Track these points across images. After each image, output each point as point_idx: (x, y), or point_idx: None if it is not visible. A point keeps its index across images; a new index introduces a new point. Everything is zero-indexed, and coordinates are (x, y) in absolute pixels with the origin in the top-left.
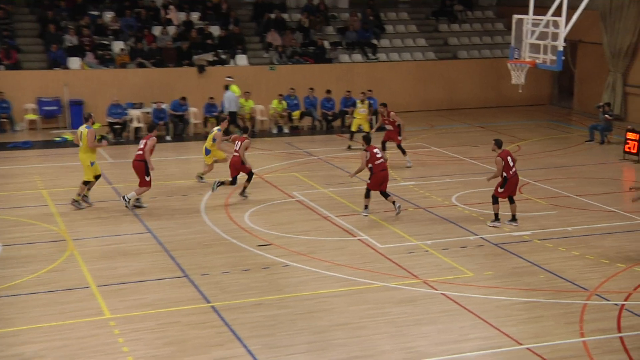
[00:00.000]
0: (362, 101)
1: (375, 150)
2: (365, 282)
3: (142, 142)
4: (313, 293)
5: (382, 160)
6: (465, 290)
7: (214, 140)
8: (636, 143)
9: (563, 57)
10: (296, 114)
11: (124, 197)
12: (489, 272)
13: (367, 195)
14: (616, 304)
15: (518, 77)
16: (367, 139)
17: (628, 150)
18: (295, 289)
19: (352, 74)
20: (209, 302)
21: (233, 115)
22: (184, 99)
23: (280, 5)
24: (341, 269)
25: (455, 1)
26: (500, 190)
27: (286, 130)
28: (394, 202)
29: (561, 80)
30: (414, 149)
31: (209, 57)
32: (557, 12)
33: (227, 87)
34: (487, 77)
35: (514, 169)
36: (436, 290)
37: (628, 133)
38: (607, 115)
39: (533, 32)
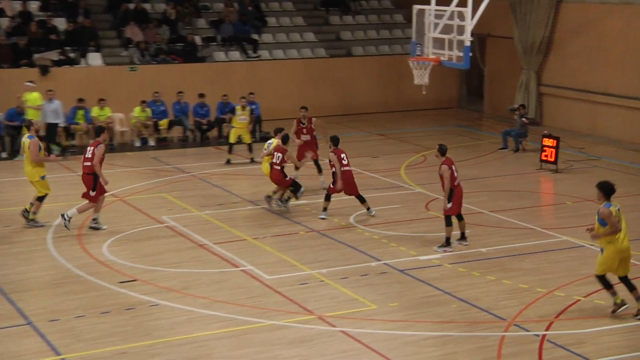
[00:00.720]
0: (243, 107)
1: (342, 155)
2: (250, 320)
3: (89, 149)
4: (189, 337)
5: (348, 166)
6: (367, 325)
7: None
8: (554, 150)
9: (470, 54)
10: (163, 122)
11: (63, 215)
12: (394, 304)
13: (327, 199)
14: (537, 335)
15: (421, 77)
16: (335, 140)
17: (545, 158)
18: (167, 332)
19: (230, 75)
20: (59, 354)
21: (53, 129)
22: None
23: None
24: (221, 306)
25: None
26: (448, 206)
27: (152, 142)
28: (368, 209)
29: (470, 80)
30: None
31: (54, 55)
32: (463, 3)
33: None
34: (387, 77)
35: (458, 179)
36: (334, 327)
37: (544, 139)
38: (523, 119)
39: (436, 25)
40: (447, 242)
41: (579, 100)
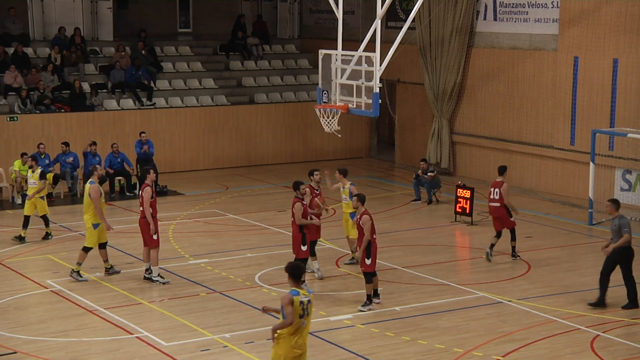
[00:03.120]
0: (31, 165)
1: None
2: None
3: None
4: None
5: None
6: None
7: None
8: (468, 201)
9: (380, 101)
10: (49, 177)
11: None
12: None
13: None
14: None
15: (329, 124)
16: (296, 185)
17: (460, 210)
18: None
19: (122, 125)
20: None
21: None
22: None
23: (21, 36)
24: None
25: (248, 34)
26: (367, 262)
27: (18, 199)
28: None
29: (380, 128)
30: (206, 217)
31: None
32: (371, 47)
33: None
34: (293, 126)
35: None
36: None
37: (459, 190)
38: (429, 174)
39: (344, 70)
40: (369, 300)
41: (493, 149)
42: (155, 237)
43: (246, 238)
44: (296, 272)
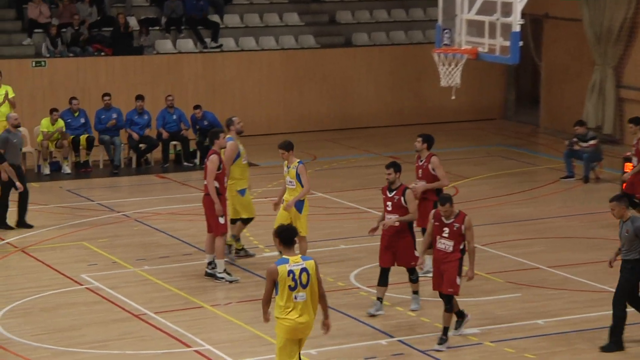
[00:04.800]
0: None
1: None
2: None
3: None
4: None
5: None
6: None
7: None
8: None
9: (521, 43)
10: (83, 140)
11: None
12: None
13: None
14: None
15: (450, 76)
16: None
17: (628, 190)
18: None
19: (179, 73)
20: None
21: None
22: None
23: None
24: None
25: None
26: (458, 280)
27: (67, 169)
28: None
29: (520, 80)
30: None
31: None
32: None
33: None
34: (402, 77)
35: None
36: None
37: (626, 164)
38: (591, 142)
39: (472, 2)
40: (446, 334)
41: None
42: (222, 220)
43: (338, 224)
44: (287, 235)
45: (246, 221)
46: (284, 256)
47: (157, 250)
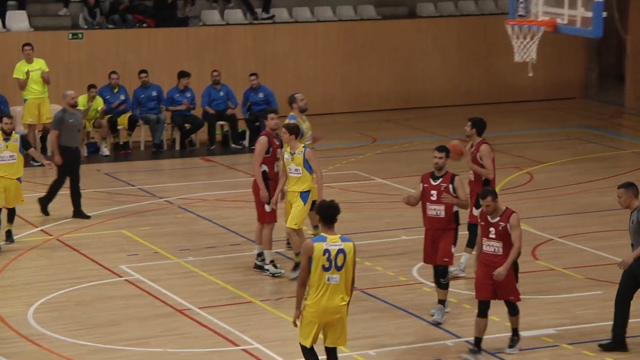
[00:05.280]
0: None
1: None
2: None
3: None
4: None
5: None
6: None
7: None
8: None
9: (605, 14)
10: (123, 119)
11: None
12: None
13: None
14: None
15: (525, 50)
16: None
17: None
18: None
19: (227, 47)
20: None
21: None
22: None
23: None
24: None
25: None
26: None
27: (105, 150)
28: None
29: (603, 56)
30: (343, 181)
31: None
32: None
33: None
34: (471, 51)
35: None
36: None
37: None
38: None
39: None
40: (517, 334)
41: None
42: (268, 208)
43: (400, 213)
44: (328, 213)
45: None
46: (321, 234)
47: (202, 240)
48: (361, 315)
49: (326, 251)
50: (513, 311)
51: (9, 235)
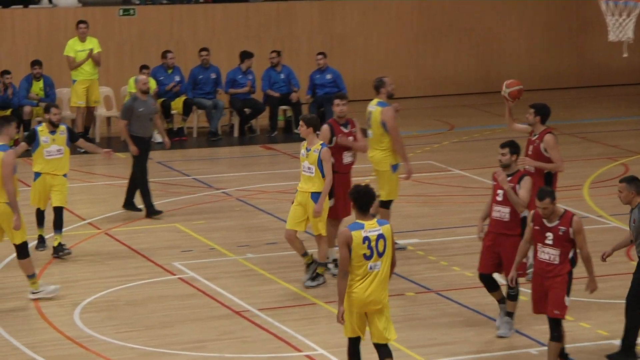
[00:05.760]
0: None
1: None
2: None
3: None
4: None
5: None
6: None
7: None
8: None
9: None
10: (177, 103)
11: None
12: None
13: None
14: None
15: (621, 29)
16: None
17: None
18: None
19: (291, 24)
20: None
21: None
22: None
23: None
24: None
25: None
26: (567, 300)
27: (158, 137)
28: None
29: None
30: (417, 172)
31: None
32: None
33: None
34: (559, 30)
35: None
36: None
37: None
38: None
39: None
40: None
41: None
42: (331, 203)
43: (479, 208)
44: (364, 200)
45: (386, 204)
46: (358, 221)
47: (262, 236)
48: (436, 320)
49: (366, 239)
50: (556, 335)
51: (59, 249)
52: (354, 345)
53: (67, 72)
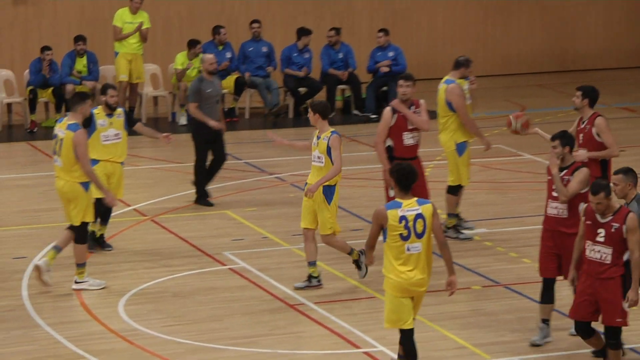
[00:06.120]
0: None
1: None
2: None
3: None
4: None
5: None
6: None
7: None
8: None
9: None
10: (228, 82)
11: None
12: None
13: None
14: None
15: None
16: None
17: None
18: None
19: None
20: None
21: None
22: None
23: None
24: None
25: None
26: (625, 307)
27: (183, 119)
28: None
29: None
30: (484, 157)
31: None
32: None
33: None
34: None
35: None
36: None
37: None
38: None
39: None
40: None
41: None
42: (392, 193)
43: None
44: (406, 179)
45: (453, 190)
46: (396, 199)
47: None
48: (505, 316)
49: (402, 218)
50: (613, 343)
51: (101, 242)
52: (408, 334)
53: (112, 48)
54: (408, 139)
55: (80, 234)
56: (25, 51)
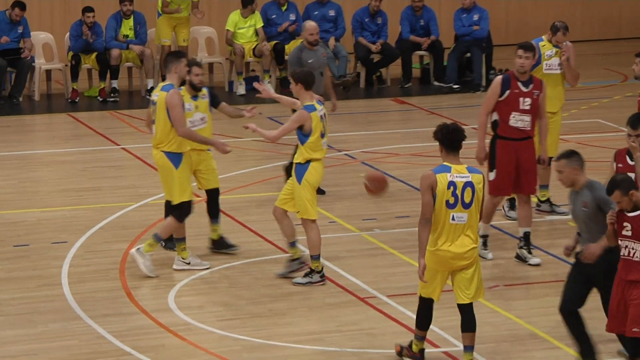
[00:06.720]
0: None
1: None
2: None
3: None
4: None
5: None
6: None
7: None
8: None
9: None
10: (292, 47)
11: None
12: None
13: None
14: None
15: None
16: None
17: None
18: None
19: None
20: None
21: None
22: None
23: None
24: None
25: None
26: None
27: (241, 89)
28: None
29: None
30: (580, 132)
31: None
32: None
33: None
34: None
35: None
36: None
37: None
38: None
39: None
40: None
41: None
42: (492, 176)
43: None
44: (452, 137)
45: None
46: (445, 163)
47: (392, 208)
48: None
49: (451, 184)
50: (634, 352)
51: (222, 243)
52: (427, 307)
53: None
54: (516, 120)
55: (177, 212)
56: (66, 12)
